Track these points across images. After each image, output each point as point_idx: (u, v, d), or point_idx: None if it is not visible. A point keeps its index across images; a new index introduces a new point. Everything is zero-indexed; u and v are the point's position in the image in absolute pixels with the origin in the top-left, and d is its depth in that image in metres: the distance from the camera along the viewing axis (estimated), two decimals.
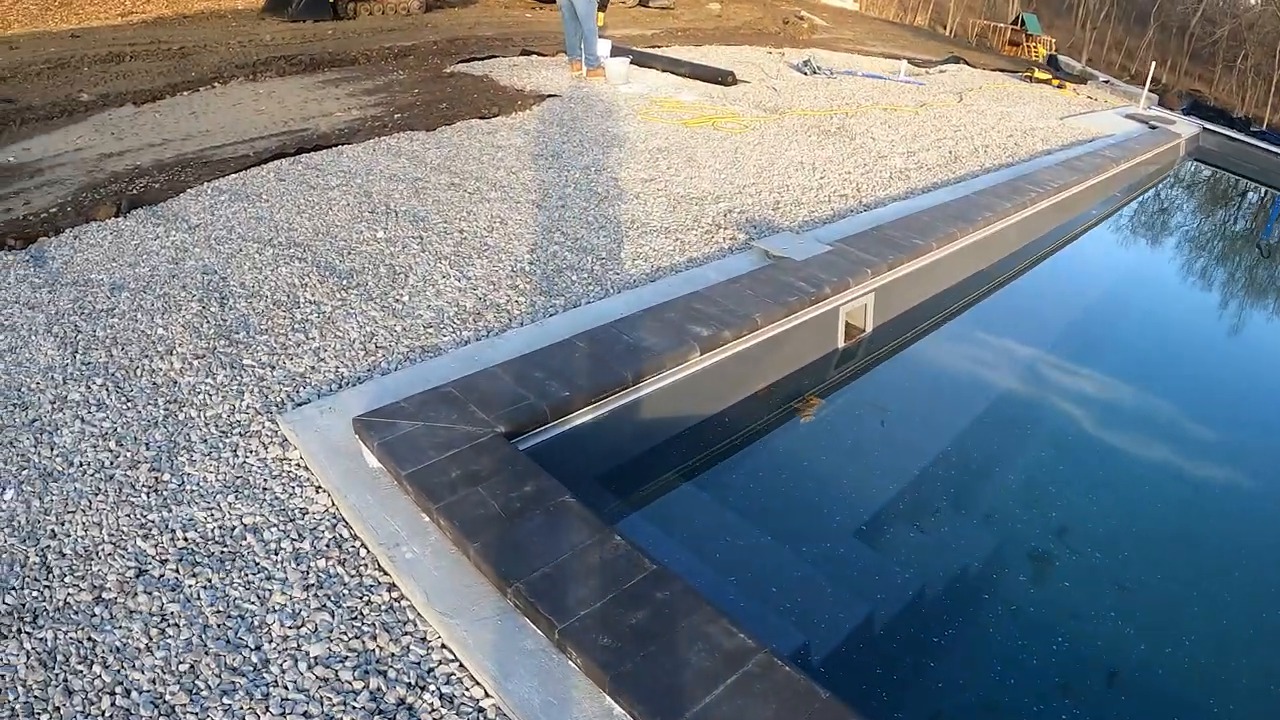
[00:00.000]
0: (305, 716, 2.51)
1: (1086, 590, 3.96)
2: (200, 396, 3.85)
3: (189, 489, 3.34)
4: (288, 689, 2.60)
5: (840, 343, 5.56)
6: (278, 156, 6.99)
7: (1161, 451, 5.41)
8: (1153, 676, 3.55)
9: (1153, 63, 19.65)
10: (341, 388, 3.91)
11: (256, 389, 3.89)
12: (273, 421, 3.69)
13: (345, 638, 2.77)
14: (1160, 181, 13.50)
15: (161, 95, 8.62)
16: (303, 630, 2.80)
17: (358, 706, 2.55)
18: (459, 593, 2.89)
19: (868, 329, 5.78)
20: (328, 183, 6.54)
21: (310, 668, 2.67)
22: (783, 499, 4.32)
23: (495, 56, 11.23)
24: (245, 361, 4.08)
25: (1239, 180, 15.08)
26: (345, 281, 4.90)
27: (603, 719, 2.47)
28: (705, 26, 16.98)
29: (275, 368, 4.04)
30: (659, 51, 12.62)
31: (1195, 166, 14.57)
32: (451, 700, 2.59)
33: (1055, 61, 21.49)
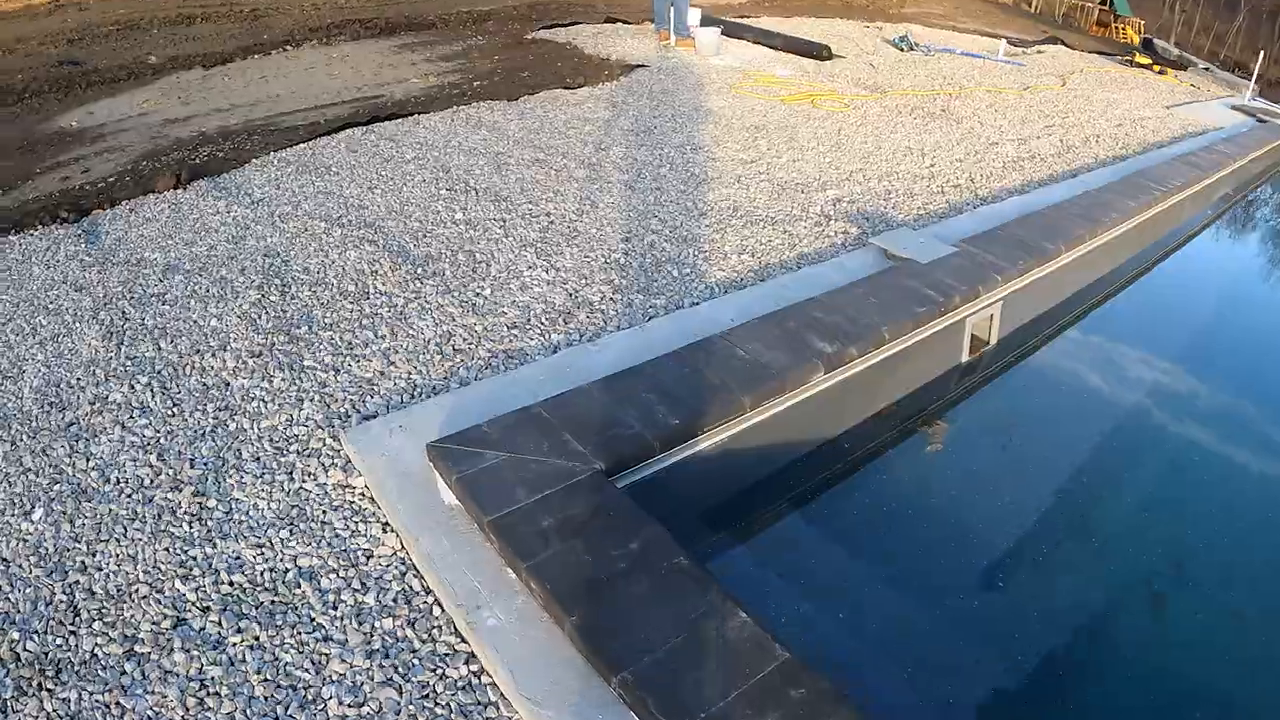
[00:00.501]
0: None
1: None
2: (254, 404, 3.38)
3: (236, 519, 2.87)
4: None
5: (964, 356, 4.96)
6: (349, 125, 6.52)
7: None
8: None
9: (1260, 53, 18.48)
10: (414, 398, 3.41)
11: (318, 396, 3.40)
12: (335, 438, 3.20)
13: None
14: (1270, 179, 12.58)
15: (231, 59, 8.21)
16: (364, 710, 2.31)
17: None
18: (552, 675, 2.38)
19: (992, 341, 5.17)
20: (403, 155, 6.05)
21: None
22: (915, 541, 3.75)
23: (579, 23, 10.67)
24: (306, 362, 3.60)
25: None
26: (420, 270, 4.40)
27: None
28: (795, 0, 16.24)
29: (340, 371, 3.55)
30: (749, 22, 11.96)
31: None
32: None
33: (1151, 45, 20.30)
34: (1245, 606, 3.61)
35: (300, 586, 2.65)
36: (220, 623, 2.53)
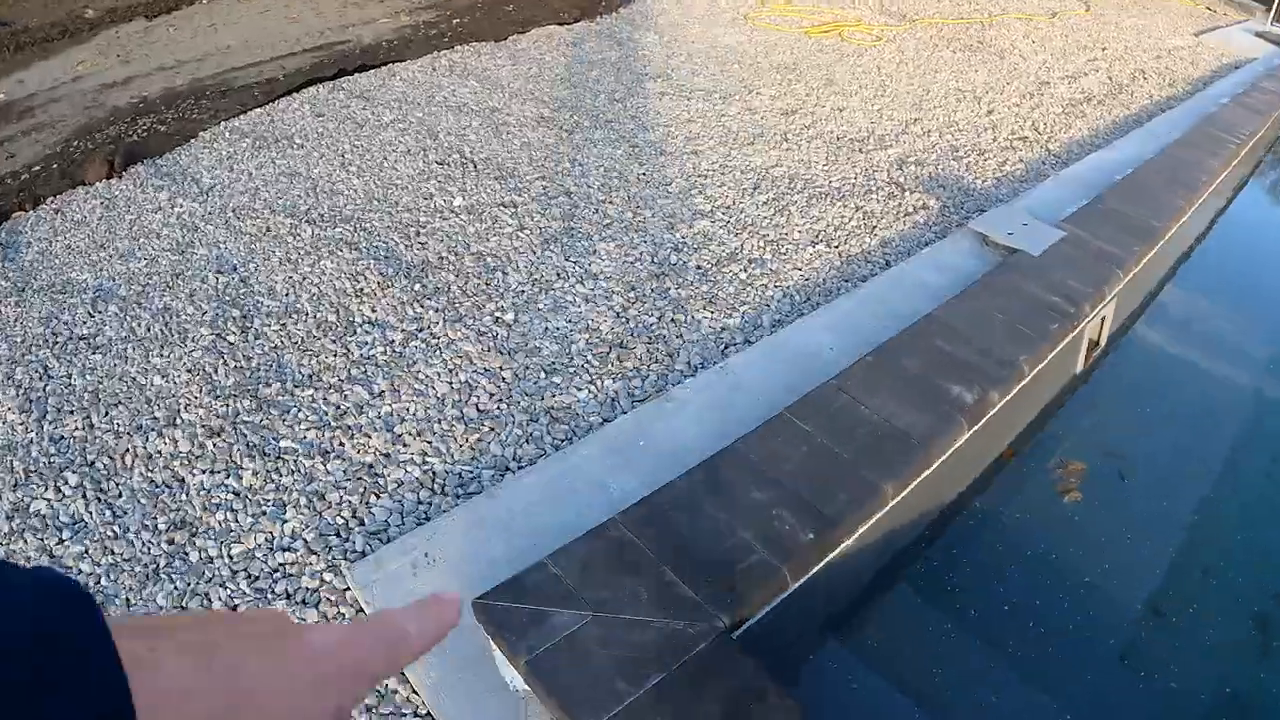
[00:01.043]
0: None
1: None
2: (220, 514, 2.43)
3: None
4: None
5: (1079, 366, 4.10)
6: (314, 81, 5.44)
7: None
8: None
9: None
10: (437, 495, 2.48)
11: (304, 500, 2.46)
12: (335, 571, 2.27)
13: None
14: None
15: (177, 5, 7.00)
16: None
17: None
18: None
19: (1102, 343, 4.31)
20: (379, 117, 5.00)
21: None
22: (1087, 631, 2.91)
23: None
24: (284, 443, 2.64)
25: None
26: (418, 285, 3.43)
27: None
28: None
29: (330, 455, 2.60)
30: None
31: None
32: None
33: None
34: None
35: None
36: None
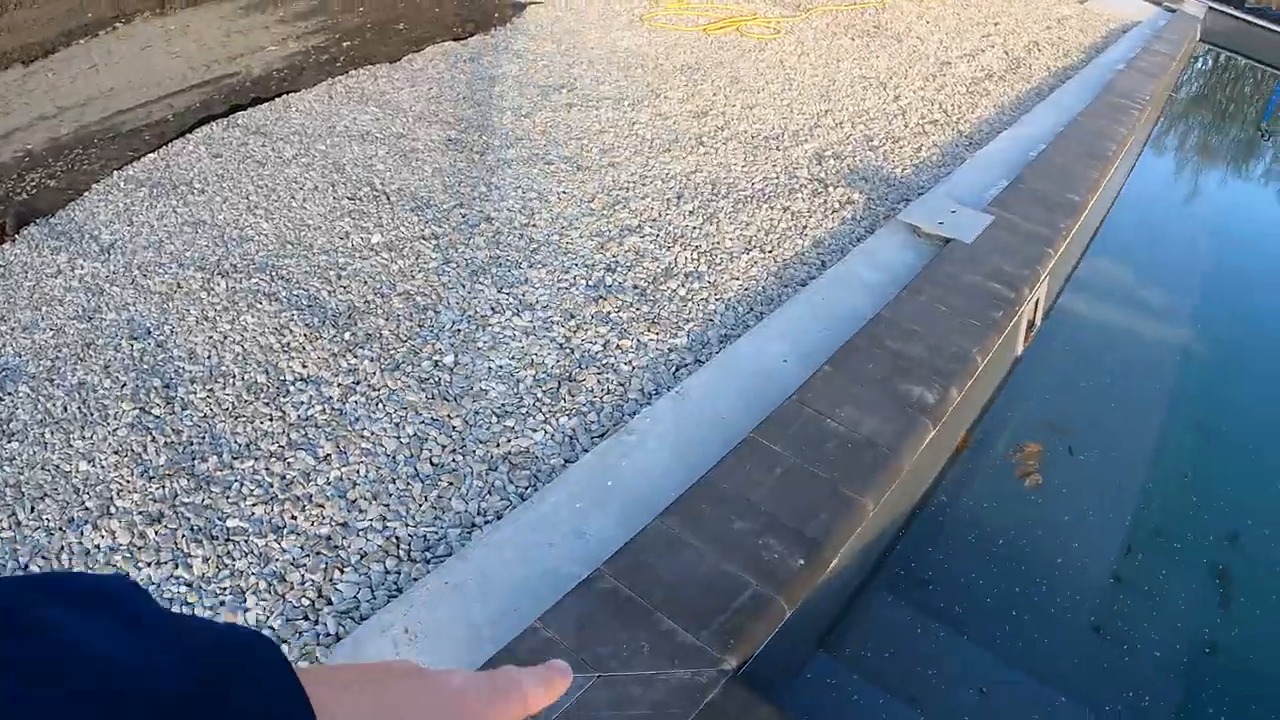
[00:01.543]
0: None
1: None
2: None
3: None
4: None
5: (1020, 348, 4.12)
6: (206, 119, 5.19)
7: None
8: None
9: None
10: (403, 560, 2.34)
11: (264, 585, 2.29)
12: (310, 659, 2.12)
13: None
14: (1189, 72, 12.23)
15: (55, 48, 6.62)
16: None
17: None
18: None
19: (1038, 322, 4.35)
20: (280, 153, 4.79)
21: None
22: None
23: None
24: (230, 520, 2.46)
25: (1250, 64, 13.81)
26: (347, 334, 3.26)
27: None
28: None
29: (284, 530, 2.43)
30: None
31: (1215, 53, 13.26)
32: None
33: None
34: None
35: None
36: None
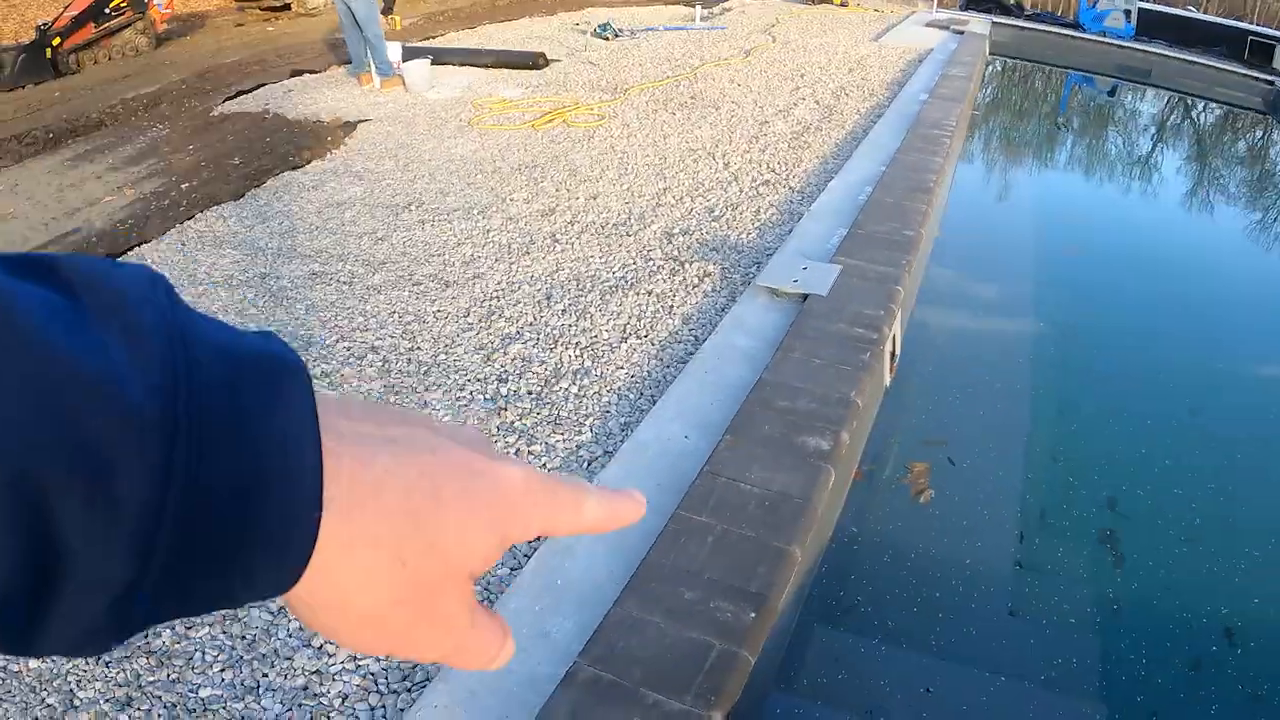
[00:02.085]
0: None
1: None
2: None
3: None
4: None
5: (887, 379, 4.47)
6: None
7: None
8: None
9: None
10: (385, 693, 2.44)
11: None
12: None
13: None
14: (986, 87, 13.26)
15: None
16: None
17: None
18: None
19: (898, 352, 4.72)
20: None
21: None
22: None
23: (263, 84, 9.30)
24: (203, 691, 2.51)
25: (1035, 66, 15.07)
26: None
27: None
28: (459, 4, 15.26)
29: (260, 689, 2.49)
30: (444, 44, 10.99)
31: (1002, 62, 14.42)
32: None
33: None
34: None
35: None
36: None
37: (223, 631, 2.63)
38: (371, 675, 2.46)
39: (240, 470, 0.29)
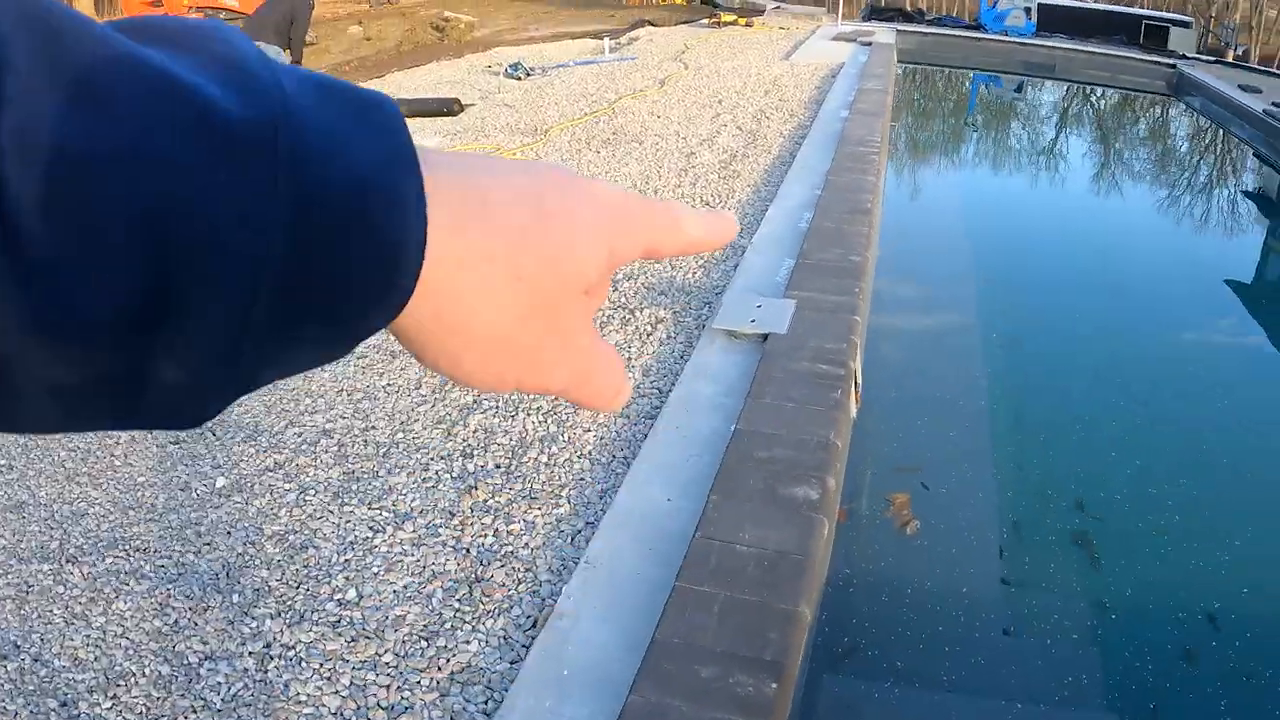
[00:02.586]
0: None
1: None
2: None
3: None
4: None
5: (854, 410, 4.42)
6: None
7: None
8: None
9: None
10: None
11: None
12: None
13: None
14: (899, 95, 13.44)
15: None
16: None
17: None
18: None
19: (861, 381, 4.68)
20: None
21: None
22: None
23: None
24: None
25: (943, 70, 15.37)
26: (235, 595, 3.12)
27: None
28: (364, 54, 15.06)
29: None
30: None
31: (907, 69, 14.66)
32: None
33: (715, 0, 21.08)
34: None
35: None
36: None
37: None
38: None
39: (345, 189, 0.29)
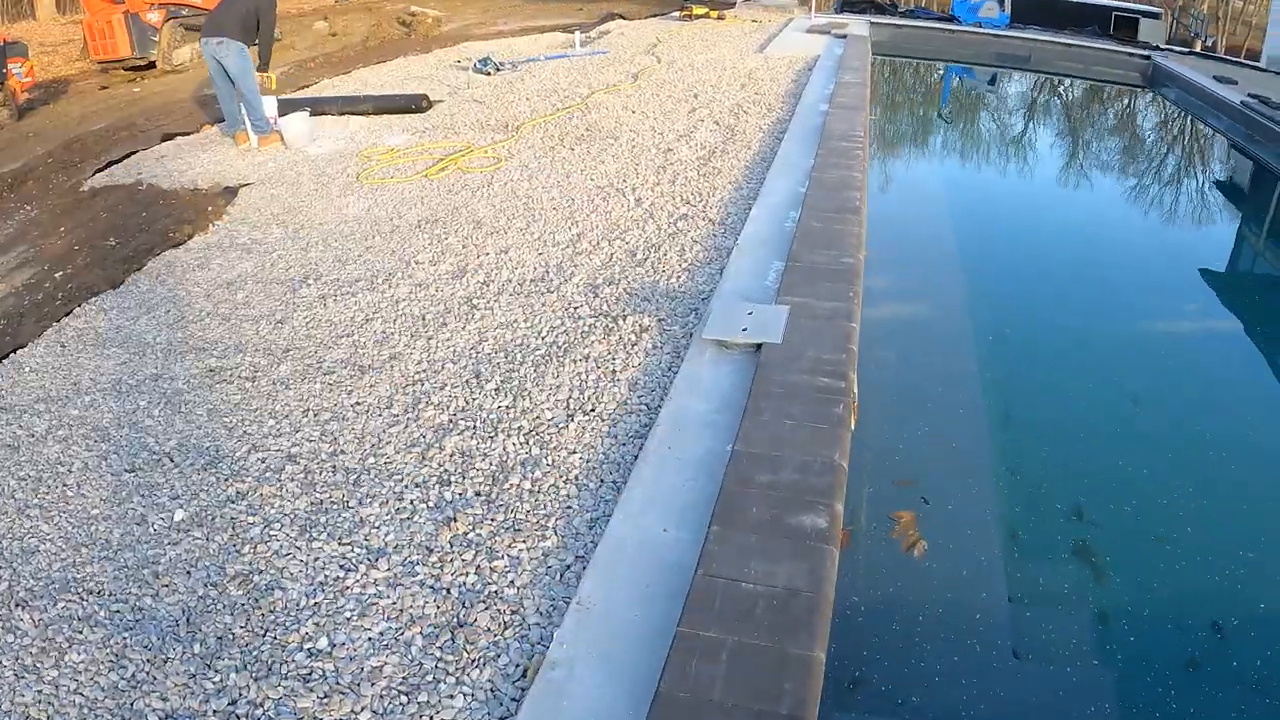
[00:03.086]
0: None
1: None
2: None
3: None
4: None
5: (852, 424, 4.19)
6: None
7: None
8: None
9: None
10: None
11: None
12: None
13: None
14: (877, 86, 13.27)
15: None
16: None
17: None
18: None
19: (857, 394, 4.46)
20: (31, 429, 4.24)
21: None
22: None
23: (134, 152, 8.65)
24: None
25: (917, 62, 15.21)
26: (197, 646, 2.88)
27: None
28: (330, 49, 14.70)
29: None
30: (317, 94, 10.49)
31: (886, 61, 14.49)
32: None
33: None
34: None
35: None
36: None
37: None
38: None
39: None
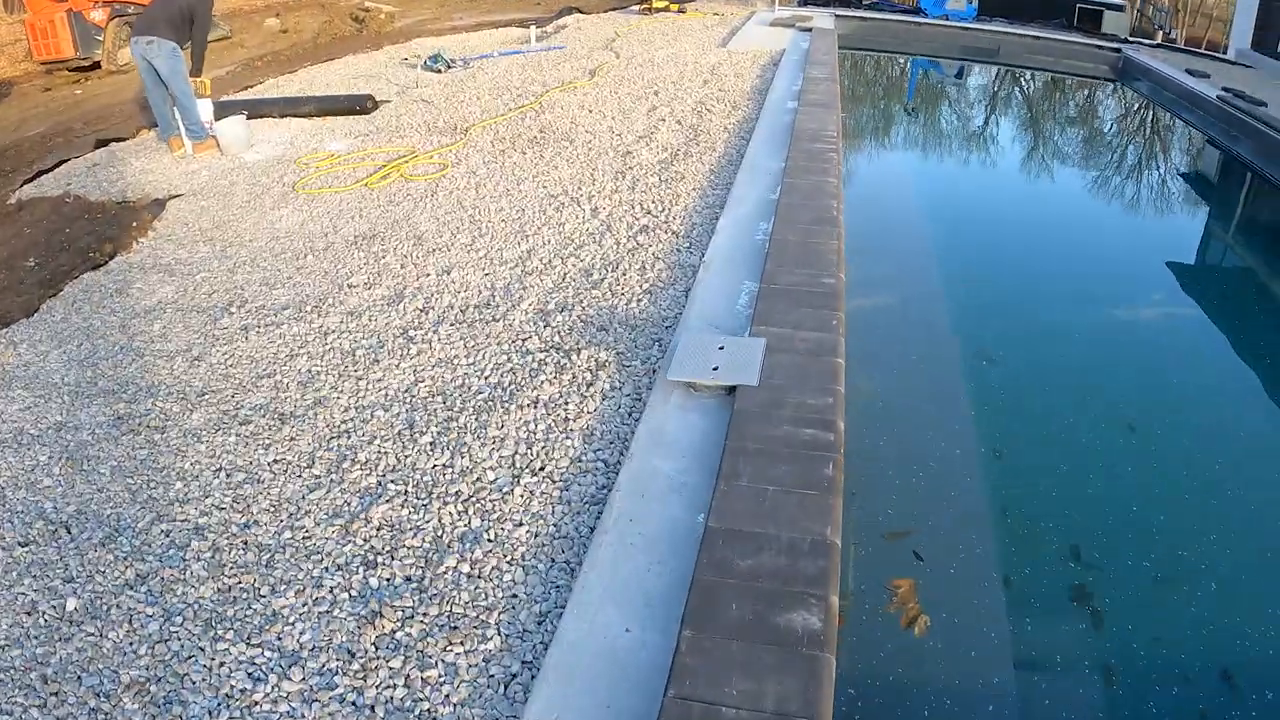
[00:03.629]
0: None
1: None
2: None
3: None
4: None
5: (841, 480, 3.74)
6: None
7: None
8: None
9: None
10: None
11: None
12: None
13: None
14: (845, 81, 12.90)
15: None
16: None
17: None
18: None
19: (842, 429, 4.01)
20: None
21: None
22: None
23: (67, 160, 8.02)
24: None
25: (885, 56, 14.81)
26: None
27: None
28: (279, 47, 14.04)
29: None
30: (259, 96, 9.89)
31: (853, 55, 14.07)
32: None
33: None
34: None
35: None
36: None
37: None
38: None
39: None
